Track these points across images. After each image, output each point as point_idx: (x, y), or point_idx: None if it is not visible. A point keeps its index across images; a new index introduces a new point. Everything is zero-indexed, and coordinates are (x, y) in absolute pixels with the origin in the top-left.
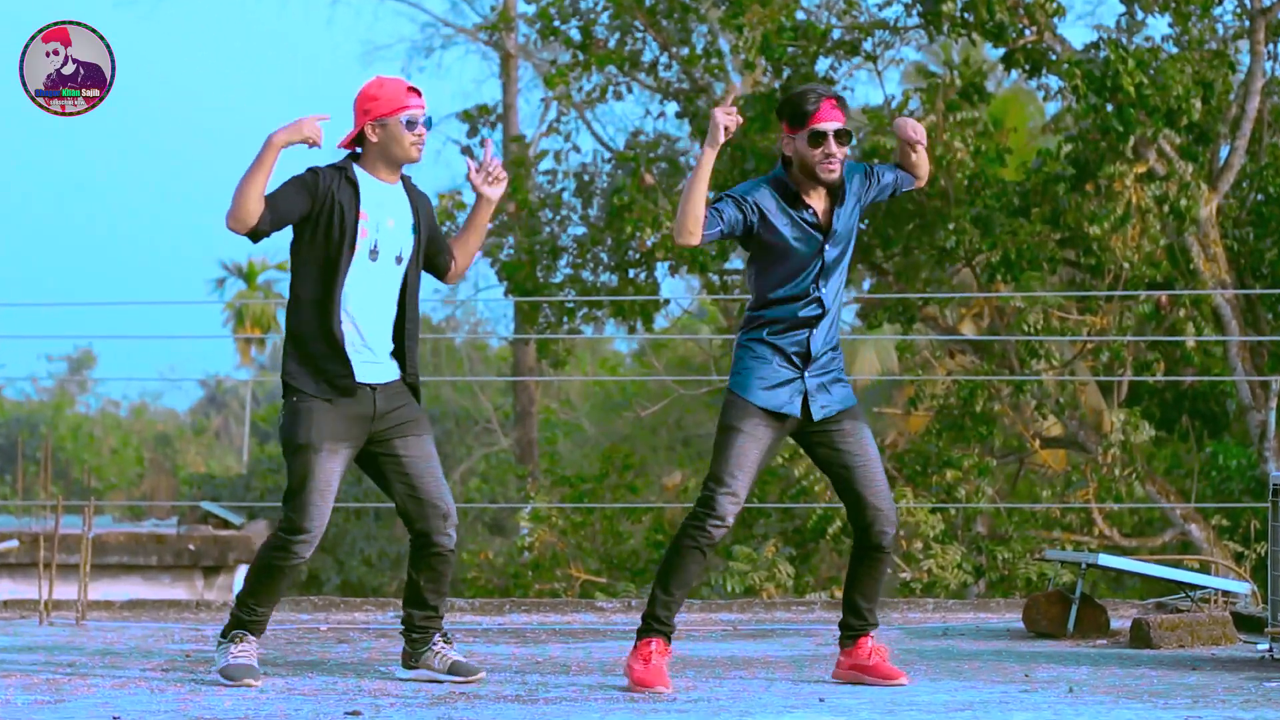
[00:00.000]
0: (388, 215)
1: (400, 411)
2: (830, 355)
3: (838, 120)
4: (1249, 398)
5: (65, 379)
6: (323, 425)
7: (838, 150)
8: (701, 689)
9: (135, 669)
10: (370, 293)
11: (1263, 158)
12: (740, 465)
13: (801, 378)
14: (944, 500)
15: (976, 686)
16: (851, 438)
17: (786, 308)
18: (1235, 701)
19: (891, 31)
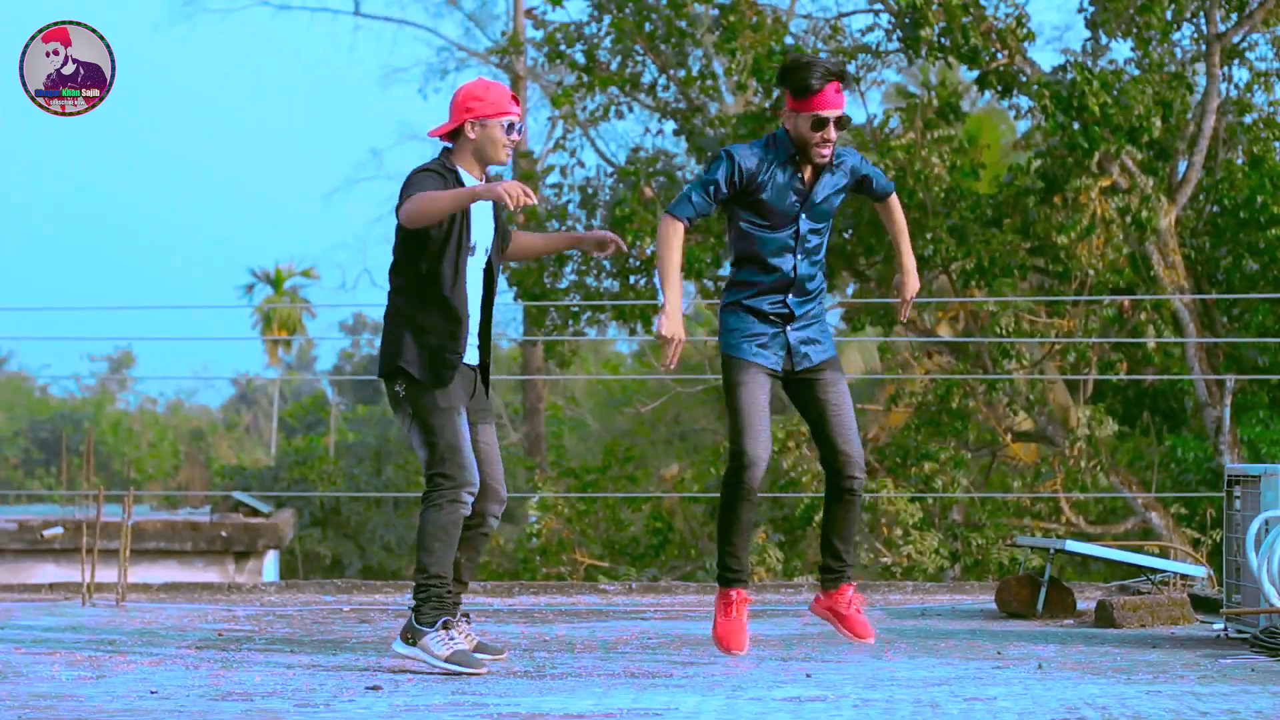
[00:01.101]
0: (481, 212)
1: (481, 397)
2: (810, 307)
3: (839, 106)
4: (1205, 395)
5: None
6: (449, 391)
7: (835, 135)
8: (697, 666)
9: (171, 647)
10: (469, 284)
11: (1218, 172)
12: (754, 413)
13: (784, 331)
14: (922, 490)
15: (952, 663)
16: (831, 387)
17: (761, 274)
18: (1193, 677)
19: (874, 55)
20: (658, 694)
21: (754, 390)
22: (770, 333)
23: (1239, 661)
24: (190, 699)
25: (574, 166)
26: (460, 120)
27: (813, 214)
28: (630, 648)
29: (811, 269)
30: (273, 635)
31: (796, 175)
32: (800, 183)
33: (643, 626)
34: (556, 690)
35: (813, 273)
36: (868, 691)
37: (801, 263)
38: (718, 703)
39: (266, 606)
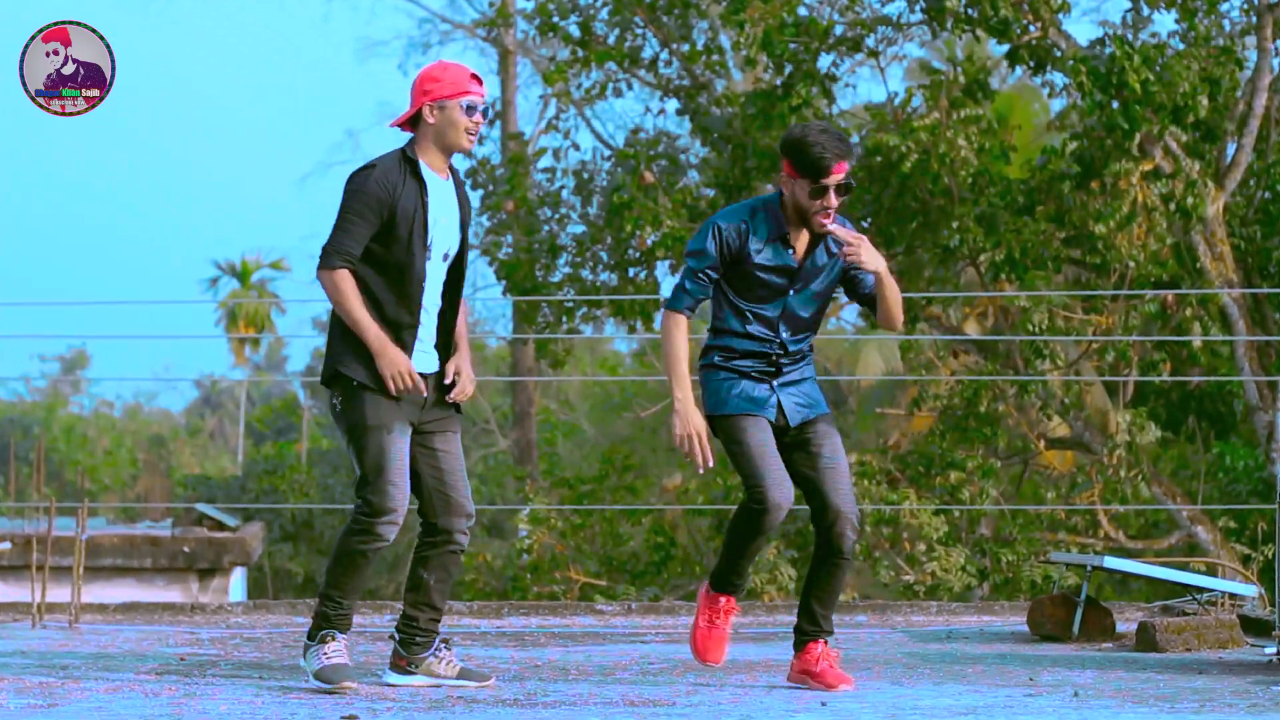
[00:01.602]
0: (442, 213)
1: (440, 407)
2: (796, 370)
3: (841, 172)
4: (1256, 398)
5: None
6: (389, 406)
7: (836, 202)
8: (702, 693)
9: (129, 673)
10: (429, 287)
11: (1270, 155)
12: (766, 458)
13: (771, 387)
14: (948, 502)
15: (980, 690)
16: (825, 442)
17: (745, 342)
18: (1242, 705)
19: (894, 27)
20: None
21: (759, 435)
22: (760, 389)
23: None
24: None
25: (568, 149)
26: (418, 104)
27: (803, 294)
28: (629, 673)
29: (798, 343)
30: (240, 660)
31: (788, 250)
32: (792, 259)
33: (643, 650)
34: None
35: (800, 346)
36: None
37: (788, 338)
38: None
39: (233, 629)
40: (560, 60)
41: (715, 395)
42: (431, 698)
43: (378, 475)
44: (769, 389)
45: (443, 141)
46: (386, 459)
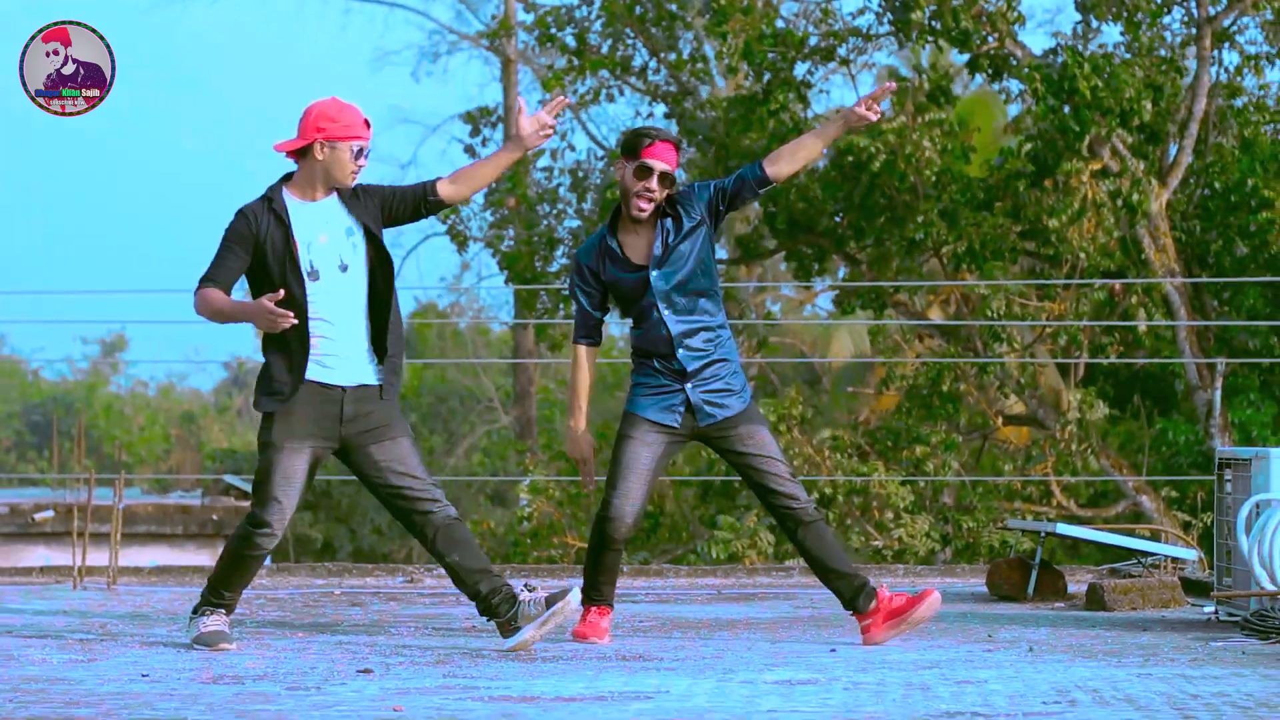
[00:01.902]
0: (319, 233)
1: (371, 416)
2: (714, 369)
3: (668, 163)
4: (1196, 378)
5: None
6: (284, 425)
7: (658, 189)
8: (688, 649)
9: (162, 630)
10: (327, 306)
11: (1209, 156)
12: (629, 470)
13: (683, 389)
14: (913, 473)
15: (943, 646)
16: (750, 441)
17: (642, 337)
18: (1183, 660)
19: (864, 38)
20: (649, 677)
21: (636, 447)
22: (670, 390)
23: (1230, 644)
24: (181, 682)
25: (565, 150)
26: (309, 139)
27: (663, 269)
28: (621, 630)
29: (694, 326)
30: (263, 618)
31: (622, 248)
32: (627, 252)
33: (634, 610)
34: (547, 673)
35: (693, 327)
36: (858, 674)
37: (673, 320)
38: (709, 685)
39: (257, 590)
40: (558, 68)
41: (631, 390)
42: (440, 651)
43: (260, 489)
44: (680, 387)
45: (328, 177)
46: (270, 475)
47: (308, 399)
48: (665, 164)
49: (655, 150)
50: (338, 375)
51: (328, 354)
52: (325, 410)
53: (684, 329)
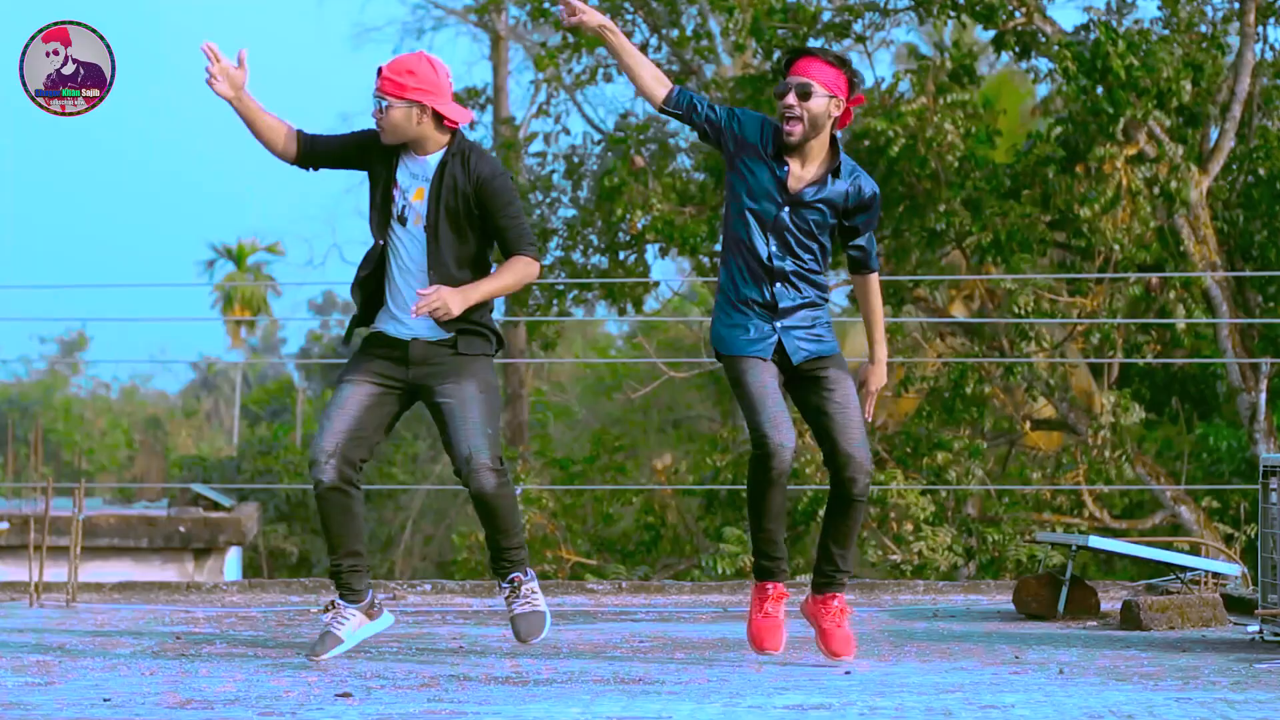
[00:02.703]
0: (418, 185)
1: (437, 361)
2: (804, 313)
3: (804, 75)
4: (1239, 380)
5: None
6: (351, 363)
7: (796, 103)
8: (691, 672)
9: (126, 651)
10: (404, 255)
11: (1252, 140)
12: (765, 398)
13: (773, 325)
14: (934, 482)
15: (967, 668)
16: (836, 386)
17: (743, 255)
18: (1225, 683)
19: (882, 13)
20: (649, 701)
21: (759, 375)
22: (760, 327)
23: (1275, 666)
24: (146, 707)
25: (559, 134)
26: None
27: (795, 210)
28: (620, 652)
29: (795, 266)
30: (235, 638)
31: (783, 168)
32: (785, 175)
33: (633, 629)
34: (540, 698)
35: (798, 269)
36: (876, 699)
37: (778, 254)
38: (714, 711)
39: (228, 607)
40: (551, 45)
41: (716, 328)
42: (425, 675)
43: (319, 428)
44: (770, 328)
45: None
46: (328, 407)
47: (376, 342)
48: (800, 76)
49: (796, 66)
50: (404, 329)
51: (397, 305)
52: (390, 353)
53: (788, 267)
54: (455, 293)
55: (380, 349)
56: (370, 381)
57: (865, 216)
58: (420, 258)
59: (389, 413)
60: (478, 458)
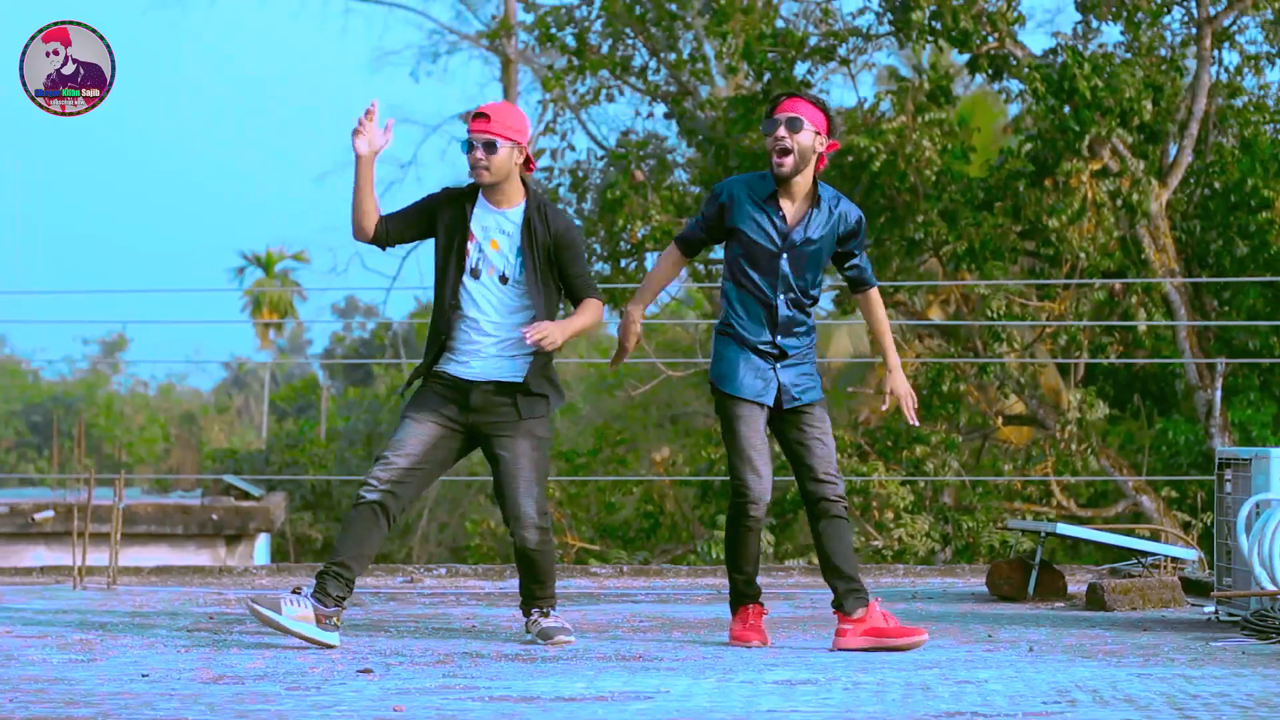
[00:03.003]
0: (492, 237)
1: (497, 414)
2: (798, 346)
3: (792, 111)
4: (1196, 378)
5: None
6: (414, 400)
7: (788, 135)
8: (688, 649)
9: (163, 630)
10: (478, 307)
11: (1209, 155)
12: (753, 450)
13: (774, 369)
14: (913, 473)
15: (944, 646)
16: (817, 425)
17: (747, 303)
18: (1183, 660)
19: (864, 38)
20: (649, 677)
21: (751, 424)
22: (762, 369)
23: (1230, 644)
24: (181, 682)
25: (565, 150)
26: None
27: (795, 255)
28: (621, 631)
29: (798, 313)
30: None
31: (777, 213)
32: (781, 220)
33: (634, 609)
34: (548, 673)
35: (801, 318)
36: (859, 674)
37: (783, 303)
38: (709, 685)
39: (258, 589)
40: (558, 68)
41: (720, 362)
42: (441, 652)
43: (385, 449)
44: (771, 367)
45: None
46: (390, 438)
47: (439, 382)
48: (790, 112)
49: (783, 105)
50: (468, 370)
51: (464, 350)
52: (452, 395)
53: (791, 315)
54: (556, 326)
55: (442, 389)
56: (434, 421)
57: (854, 242)
58: (494, 307)
59: (451, 449)
60: (526, 517)
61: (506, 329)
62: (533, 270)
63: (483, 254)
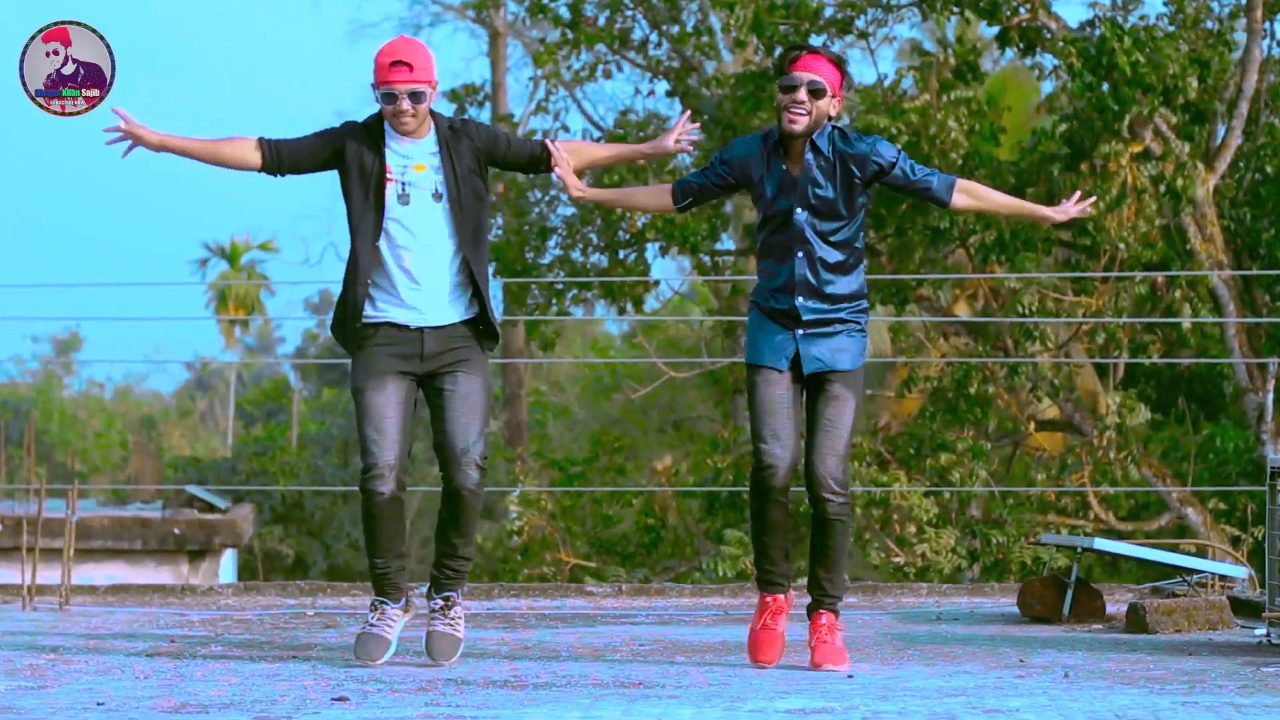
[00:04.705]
0: (416, 162)
1: (453, 352)
2: (827, 312)
3: (813, 72)
4: (1246, 380)
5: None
6: (366, 364)
7: (807, 99)
8: (692, 675)
9: (120, 654)
10: (410, 234)
11: (1260, 137)
12: (769, 411)
13: (793, 335)
14: (938, 484)
15: (971, 671)
16: (832, 402)
17: (767, 273)
18: (1232, 687)
19: (885, 9)
20: (650, 705)
21: (769, 388)
22: (780, 334)
23: None
24: (140, 711)
25: (558, 131)
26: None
27: (809, 207)
28: (620, 655)
29: (824, 272)
30: (230, 641)
31: (782, 166)
32: (786, 173)
33: (633, 632)
34: (539, 701)
35: (827, 277)
36: (879, 703)
37: (802, 263)
38: (715, 715)
39: (223, 610)
40: (550, 42)
41: (747, 341)
42: (422, 679)
43: (359, 437)
44: (790, 336)
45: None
46: (364, 416)
47: (387, 338)
48: (810, 72)
49: (800, 64)
50: (419, 316)
51: (404, 290)
52: (405, 348)
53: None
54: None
55: (390, 345)
56: (395, 383)
57: (890, 172)
58: (432, 231)
59: (413, 401)
60: (473, 451)
61: (444, 254)
62: (467, 185)
63: (407, 180)
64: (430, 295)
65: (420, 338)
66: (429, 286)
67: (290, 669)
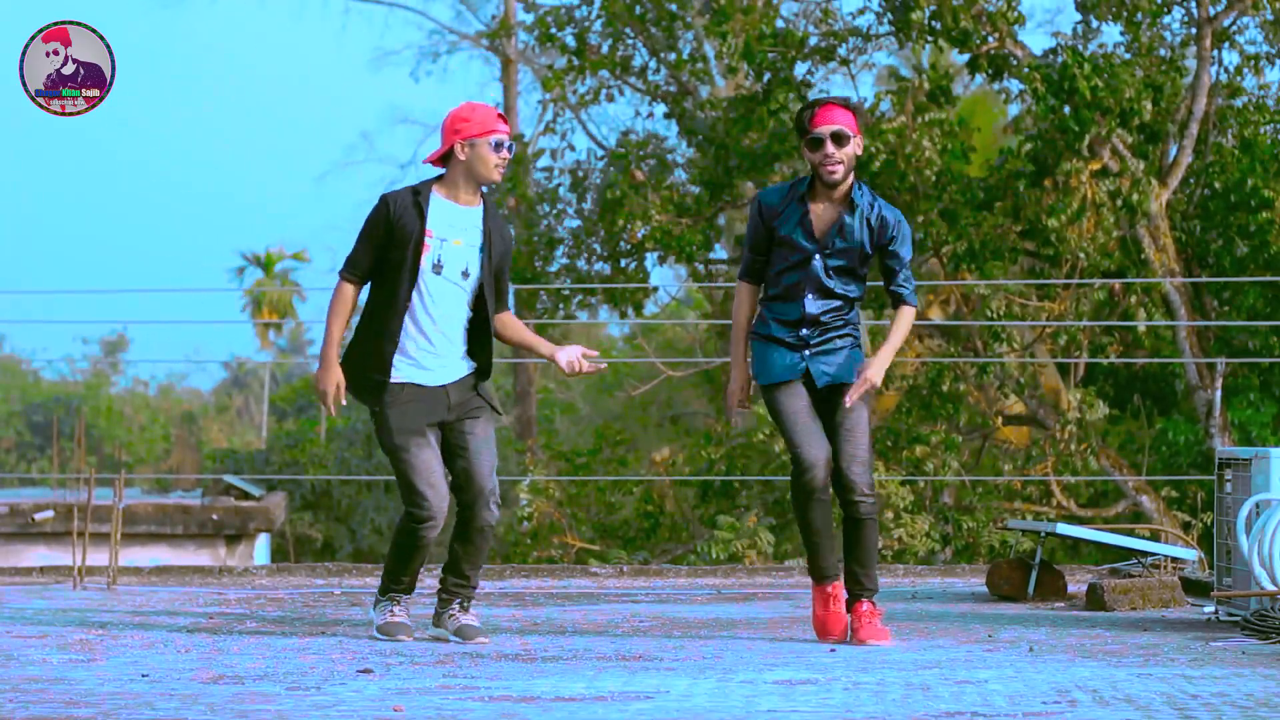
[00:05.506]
0: (455, 236)
1: (470, 400)
2: (830, 338)
3: (832, 123)
4: (1196, 378)
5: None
6: (399, 421)
7: (836, 150)
8: (688, 649)
9: (162, 630)
10: (439, 304)
11: (1209, 156)
12: (798, 418)
13: (803, 357)
14: (913, 473)
15: (944, 646)
16: (850, 411)
17: (777, 310)
18: (1183, 660)
19: (864, 38)
20: (649, 677)
21: (790, 399)
22: (791, 356)
23: (1230, 644)
24: (181, 682)
25: (564, 150)
26: (450, 143)
27: (829, 257)
28: (621, 631)
29: (830, 308)
30: (264, 618)
31: (808, 215)
32: (814, 223)
33: (634, 609)
34: (548, 673)
35: (832, 307)
36: (859, 674)
37: (814, 303)
38: (709, 685)
39: (257, 589)
40: (557, 68)
41: (756, 365)
42: (441, 652)
43: (409, 490)
44: (799, 357)
45: (473, 174)
46: (409, 474)
47: (414, 395)
48: (832, 124)
49: (819, 118)
50: (435, 378)
51: (422, 353)
52: (431, 405)
53: (819, 310)
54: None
55: (419, 401)
56: (432, 435)
57: (894, 250)
58: (453, 302)
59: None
60: (493, 493)
61: (458, 326)
62: (489, 268)
63: (444, 252)
64: (447, 359)
65: (445, 393)
66: (444, 352)
67: (319, 643)
